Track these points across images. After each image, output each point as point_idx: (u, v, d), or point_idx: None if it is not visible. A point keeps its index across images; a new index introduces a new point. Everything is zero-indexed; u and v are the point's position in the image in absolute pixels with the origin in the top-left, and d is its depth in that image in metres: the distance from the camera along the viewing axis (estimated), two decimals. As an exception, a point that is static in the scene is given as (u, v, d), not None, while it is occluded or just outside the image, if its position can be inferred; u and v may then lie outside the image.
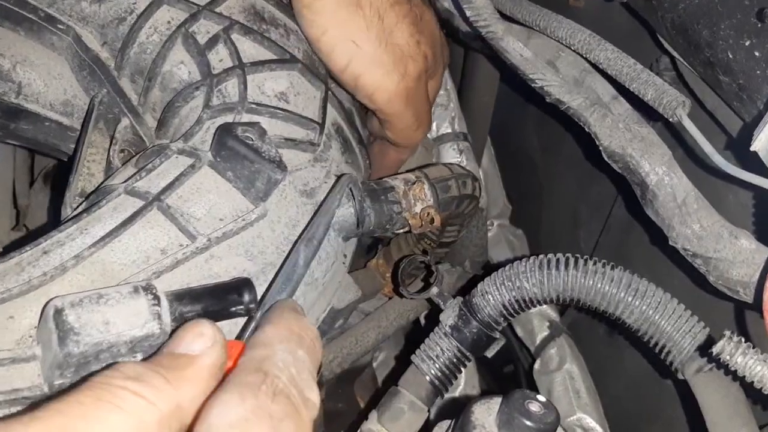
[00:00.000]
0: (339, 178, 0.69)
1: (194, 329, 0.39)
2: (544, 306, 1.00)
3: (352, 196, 0.68)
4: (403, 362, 1.13)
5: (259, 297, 0.54)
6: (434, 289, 0.74)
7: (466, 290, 0.99)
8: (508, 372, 1.19)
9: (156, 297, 0.49)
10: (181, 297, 0.50)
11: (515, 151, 1.27)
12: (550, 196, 1.21)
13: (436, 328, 0.73)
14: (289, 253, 0.59)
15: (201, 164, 0.63)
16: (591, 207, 1.10)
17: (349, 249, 0.75)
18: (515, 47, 0.70)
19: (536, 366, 1.00)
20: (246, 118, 0.68)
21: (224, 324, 0.51)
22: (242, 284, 0.53)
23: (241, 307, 0.51)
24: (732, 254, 0.60)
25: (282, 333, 0.42)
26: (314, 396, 0.39)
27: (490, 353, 0.72)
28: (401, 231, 0.74)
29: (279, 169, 0.61)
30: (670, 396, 0.91)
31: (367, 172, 0.84)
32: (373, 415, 0.72)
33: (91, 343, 0.46)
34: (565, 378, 1.00)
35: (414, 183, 0.74)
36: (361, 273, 0.91)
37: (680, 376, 0.66)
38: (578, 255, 0.70)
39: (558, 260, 0.68)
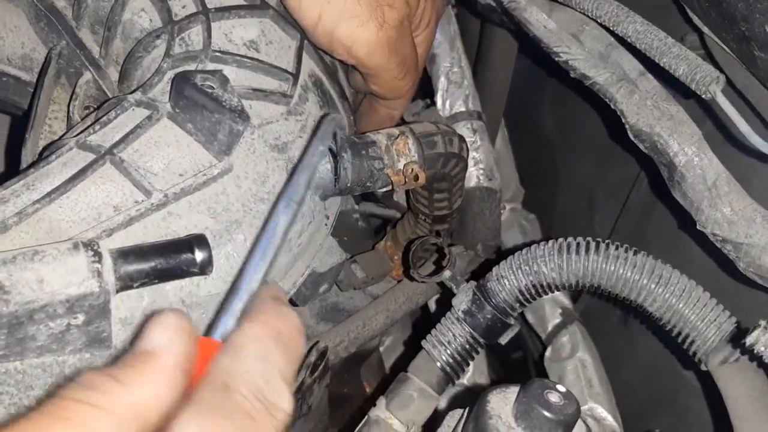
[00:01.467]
0: (321, 118, 0.65)
1: (155, 321, 0.36)
2: (557, 292, 0.97)
3: (330, 151, 0.64)
4: (411, 347, 1.11)
5: (214, 255, 0.48)
6: (447, 273, 0.71)
7: (478, 275, 0.96)
8: (517, 358, 1.16)
9: (97, 254, 0.46)
10: (126, 254, 0.46)
11: (529, 132, 1.23)
12: (565, 179, 1.18)
13: (448, 312, 0.70)
14: (266, 223, 0.54)
15: (159, 116, 0.59)
16: (608, 190, 1.06)
17: (331, 210, 0.71)
18: (539, 18, 0.67)
19: (547, 353, 0.98)
20: (210, 67, 0.64)
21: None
22: (196, 241, 0.48)
23: (195, 266, 0.47)
24: (765, 240, 0.57)
25: (257, 331, 0.39)
26: (284, 402, 0.37)
27: (503, 340, 0.69)
28: (384, 189, 0.70)
29: (240, 119, 0.57)
30: (685, 386, 0.88)
31: (351, 129, 0.80)
32: (381, 401, 0.69)
33: (21, 302, 0.43)
34: (577, 366, 0.98)
35: (397, 137, 0.70)
36: (368, 255, 0.88)
37: (703, 368, 0.63)
38: (598, 239, 0.67)
39: (578, 244, 0.66)
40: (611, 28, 0.65)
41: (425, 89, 0.97)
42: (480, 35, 1.07)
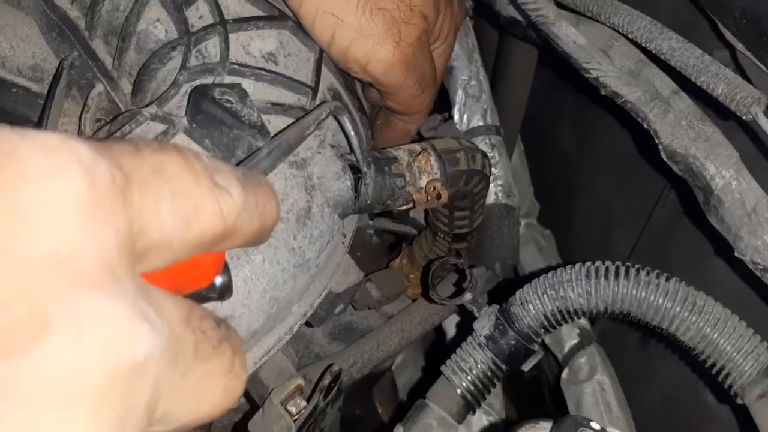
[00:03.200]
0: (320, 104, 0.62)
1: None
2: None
3: (348, 167, 0.62)
4: (426, 372, 1.09)
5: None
6: (468, 295, 0.68)
7: (495, 294, 0.93)
8: (531, 378, 1.13)
9: None
10: None
11: (546, 145, 1.20)
12: (583, 194, 1.15)
13: (469, 337, 0.67)
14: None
15: (175, 131, 0.57)
16: (628, 207, 1.03)
17: (348, 227, 0.69)
18: (568, 33, 0.64)
19: (564, 375, 0.96)
20: (228, 80, 0.62)
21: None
22: None
23: (214, 292, 0.44)
24: (809, 270, 0.54)
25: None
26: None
27: (526, 367, 0.66)
28: (404, 207, 0.68)
29: (260, 135, 0.54)
30: (709, 412, 0.85)
31: (368, 143, 0.78)
32: (399, 430, 0.66)
33: None
34: (595, 389, 0.96)
35: (419, 154, 0.67)
36: (384, 274, 0.85)
37: (739, 401, 0.61)
38: (628, 264, 0.64)
39: (607, 268, 0.63)
40: (643, 45, 0.62)
41: (442, 102, 0.94)
42: (498, 48, 1.05)
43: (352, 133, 0.60)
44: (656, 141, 0.61)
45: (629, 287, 0.62)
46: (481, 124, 0.93)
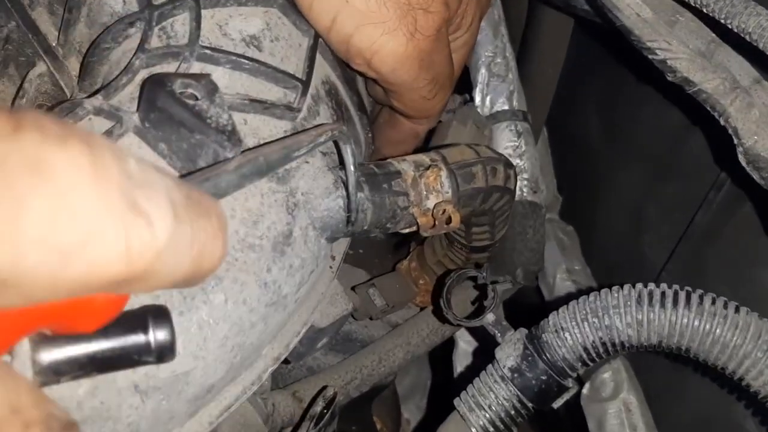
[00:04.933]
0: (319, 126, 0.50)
1: None
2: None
3: (342, 183, 0.51)
4: (436, 392, 0.98)
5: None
6: (490, 316, 0.57)
7: (514, 305, 0.82)
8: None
9: None
10: (51, 337, 0.32)
11: (572, 133, 1.09)
12: (611, 190, 1.04)
13: (490, 367, 0.56)
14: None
15: (122, 130, 0.45)
16: (662, 209, 0.93)
17: (338, 249, 0.57)
18: (631, 4, 0.52)
19: (584, 391, 0.89)
20: (196, 68, 0.50)
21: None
22: (153, 315, 0.34)
23: (149, 354, 0.33)
24: None
25: None
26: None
27: (557, 404, 0.56)
28: (406, 231, 0.57)
29: (229, 142, 0.42)
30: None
31: (368, 149, 0.66)
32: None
33: None
34: (620, 409, 0.88)
35: (428, 168, 0.56)
36: (389, 279, 0.75)
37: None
38: (687, 288, 0.53)
39: (663, 294, 0.52)
40: (721, 21, 0.51)
41: (462, 82, 0.82)
42: (527, 19, 0.92)
43: (352, 168, 0.49)
44: (735, 141, 0.49)
45: (690, 318, 0.51)
46: (506, 108, 0.81)
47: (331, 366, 0.74)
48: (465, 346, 0.80)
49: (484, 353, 0.78)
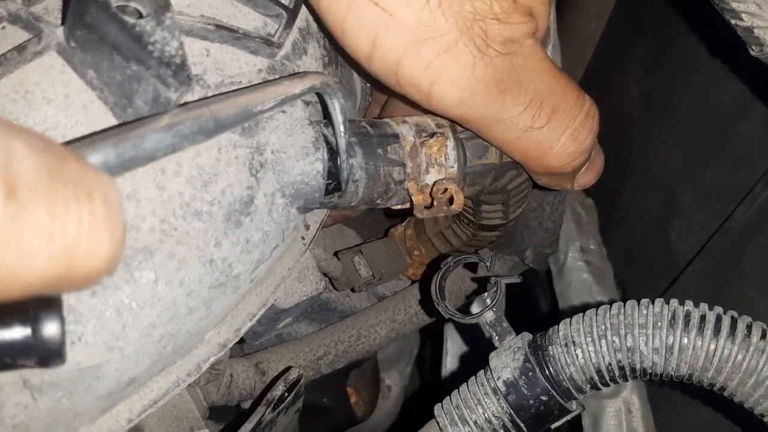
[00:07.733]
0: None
1: None
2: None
3: (325, 142, 0.41)
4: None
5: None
6: (489, 314, 0.48)
7: (521, 291, 0.73)
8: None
9: None
10: None
11: (607, 97, 0.97)
12: (643, 167, 0.94)
13: (482, 375, 0.47)
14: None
15: (41, 47, 0.36)
16: (699, 195, 0.83)
17: (314, 218, 0.48)
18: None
19: None
20: None
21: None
22: (38, 307, 0.25)
23: (31, 354, 0.24)
24: None
25: None
26: None
27: (555, 425, 0.47)
28: (398, 207, 0.47)
29: (174, 79, 0.33)
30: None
31: (364, 100, 0.55)
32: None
33: None
34: (620, 409, 0.82)
35: (431, 136, 0.45)
36: (378, 245, 0.65)
37: None
38: (732, 312, 0.44)
39: (703, 317, 0.42)
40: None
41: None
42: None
43: (342, 129, 0.38)
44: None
45: (733, 351, 0.41)
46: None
47: (304, 336, 0.66)
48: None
49: (475, 348, 0.70)
